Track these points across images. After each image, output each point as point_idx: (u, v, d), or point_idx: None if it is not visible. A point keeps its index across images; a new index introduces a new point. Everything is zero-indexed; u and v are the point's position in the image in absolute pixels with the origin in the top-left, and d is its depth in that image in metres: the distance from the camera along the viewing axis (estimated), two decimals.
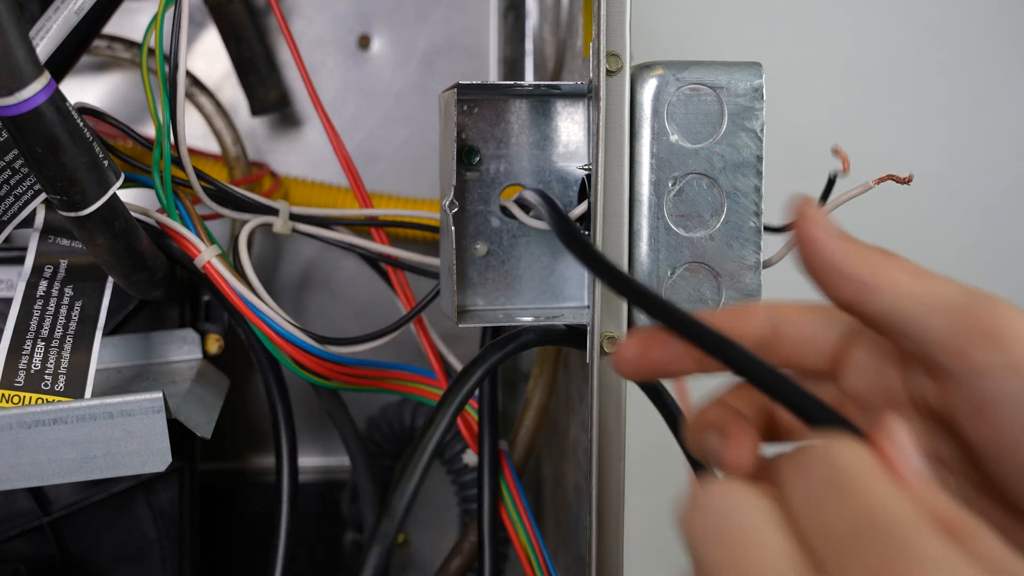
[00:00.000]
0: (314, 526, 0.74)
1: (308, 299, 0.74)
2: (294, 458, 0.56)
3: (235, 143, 0.68)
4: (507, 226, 0.51)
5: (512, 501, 0.52)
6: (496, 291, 0.51)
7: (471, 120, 0.50)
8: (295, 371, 0.53)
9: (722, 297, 0.47)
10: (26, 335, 0.48)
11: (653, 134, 0.46)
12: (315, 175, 0.72)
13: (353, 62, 0.73)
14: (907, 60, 0.90)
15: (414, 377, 0.58)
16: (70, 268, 0.50)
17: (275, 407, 0.56)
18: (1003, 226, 0.92)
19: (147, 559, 0.55)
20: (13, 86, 0.36)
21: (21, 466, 0.45)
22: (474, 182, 0.50)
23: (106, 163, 0.42)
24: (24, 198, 0.47)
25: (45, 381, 0.47)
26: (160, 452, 0.46)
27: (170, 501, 0.55)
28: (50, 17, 0.49)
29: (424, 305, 0.56)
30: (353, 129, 0.73)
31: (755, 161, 0.46)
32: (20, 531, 0.53)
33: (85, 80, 0.71)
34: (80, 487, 0.53)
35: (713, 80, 0.46)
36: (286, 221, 0.57)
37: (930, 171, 0.91)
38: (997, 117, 0.92)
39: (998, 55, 0.91)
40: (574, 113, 0.50)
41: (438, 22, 0.74)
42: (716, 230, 0.46)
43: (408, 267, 0.59)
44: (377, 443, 0.70)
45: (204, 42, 0.72)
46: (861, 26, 0.90)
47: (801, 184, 0.57)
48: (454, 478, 0.69)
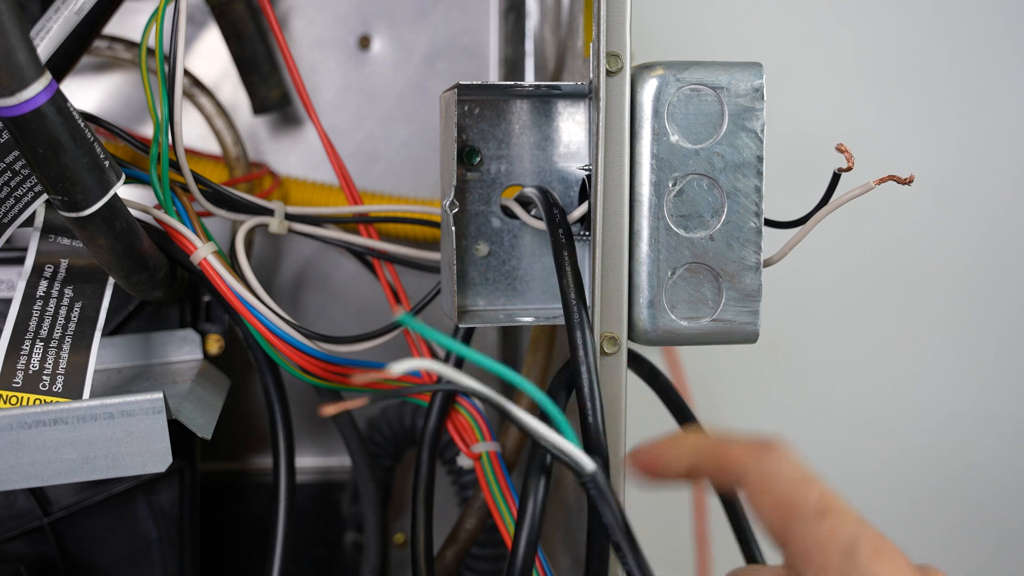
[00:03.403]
0: (314, 526, 0.74)
1: (308, 299, 0.74)
2: (291, 458, 0.56)
3: (235, 143, 0.68)
4: (508, 226, 0.51)
5: (504, 502, 0.52)
6: (497, 291, 0.51)
7: (472, 120, 0.50)
8: (289, 369, 0.53)
9: (722, 297, 0.47)
10: (25, 335, 0.48)
11: (653, 134, 0.46)
12: (316, 175, 0.72)
13: (353, 62, 0.73)
14: (908, 61, 0.90)
15: (405, 378, 0.58)
16: (70, 268, 0.50)
17: (272, 407, 0.56)
18: (1004, 226, 0.92)
19: (147, 559, 0.55)
20: (14, 86, 0.36)
21: (21, 466, 0.45)
22: (475, 182, 0.50)
23: (107, 163, 0.42)
24: (24, 200, 0.47)
25: (43, 382, 0.47)
26: (160, 452, 0.46)
27: (170, 501, 0.55)
28: (50, 17, 0.49)
29: (424, 305, 0.56)
30: (353, 129, 0.73)
31: (756, 161, 0.46)
32: (20, 531, 0.53)
33: (85, 80, 0.71)
34: (80, 487, 0.53)
35: (714, 80, 0.46)
36: (282, 221, 0.57)
37: (931, 171, 0.91)
38: (998, 118, 0.92)
39: (999, 55, 0.91)
40: (575, 113, 0.50)
41: (438, 22, 0.74)
42: (716, 230, 0.46)
43: (397, 261, 0.59)
44: (377, 443, 0.70)
45: (204, 42, 0.72)
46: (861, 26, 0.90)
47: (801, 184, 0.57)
48: (454, 478, 0.69)
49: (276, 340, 0.52)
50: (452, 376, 0.37)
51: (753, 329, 0.47)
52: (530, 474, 0.43)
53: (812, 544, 0.34)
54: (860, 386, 0.95)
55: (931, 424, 0.95)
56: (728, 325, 0.47)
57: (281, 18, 0.72)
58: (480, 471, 0.54)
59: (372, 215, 0.59)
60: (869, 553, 0.33)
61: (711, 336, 0.47)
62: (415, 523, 0.53)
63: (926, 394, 0.95)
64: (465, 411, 0.56)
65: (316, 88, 0.73)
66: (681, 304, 0.46)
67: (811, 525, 0.34)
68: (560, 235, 0.45)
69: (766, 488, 0.36)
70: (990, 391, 0.95)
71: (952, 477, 0.96)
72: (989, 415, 0.95)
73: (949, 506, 0.97)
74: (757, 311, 0.47)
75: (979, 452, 0.96)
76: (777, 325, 0.65)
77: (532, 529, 0.43)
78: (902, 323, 0.94)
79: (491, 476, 0.54)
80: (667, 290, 0.46)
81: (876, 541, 0.33)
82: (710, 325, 0.47)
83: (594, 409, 0.43)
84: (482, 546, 0.66)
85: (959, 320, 0.93)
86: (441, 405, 0.55)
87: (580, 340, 0.43)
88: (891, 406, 0.95)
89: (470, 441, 0.56)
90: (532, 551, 0.43)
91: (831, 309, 0.93)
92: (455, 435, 0.56)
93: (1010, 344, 0.94)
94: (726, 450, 0.37)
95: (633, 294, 0.47)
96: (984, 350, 0.94)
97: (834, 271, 0.92)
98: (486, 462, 0.54)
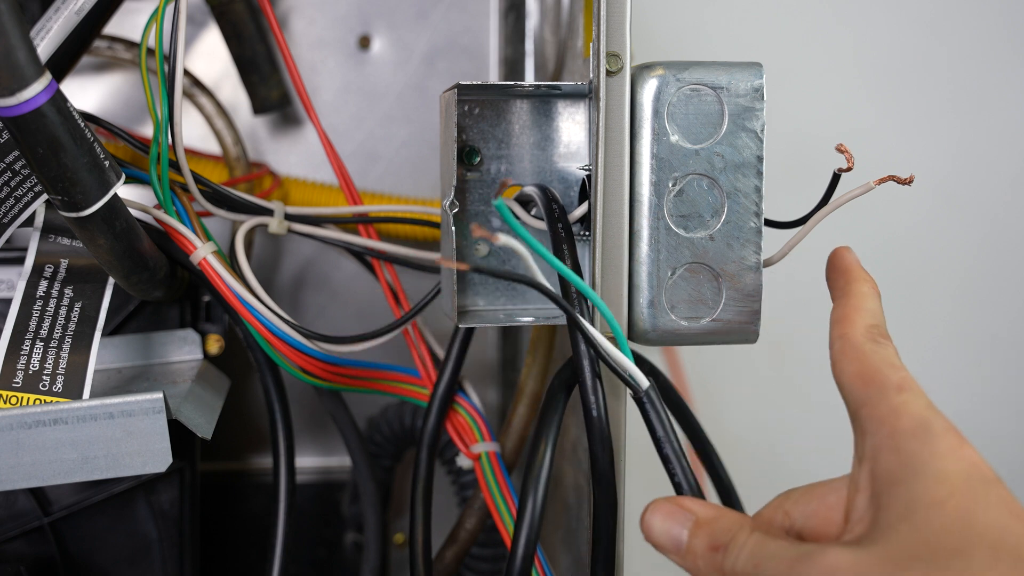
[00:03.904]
0: (314, 526, 0.74)
1: (308, 299, 0.74)
2: (291, 458, 0.56)
3: (235, 143, 0.68)
4: (508, 226, 0.51)
5: (504, 502, 0.52)
6: (497, 291, 0.51)
7: (472, 120, 0.50)
8: (288, 369, 0.53)
9: (722, 297, 0.47)
10: (25, 335, 0.48)
11: (653, 134, 0.46)
12: (316, 175, 0.72)
13: (353, 62, 0.73)
14: (908, 61, 0.90)
15: (404, 378, 0.58)
16: (70, 268, 0.50)
17: (272, 406, 0.56)
18: (1004, 226, 0.92)
19: (147, 559, 0.55)
20: (14, 86, 0.36)
21: (21, 466, 0.45)
22: (475, 182, 0.50)
23: (107, 163, 0.42)
24: (24, 200, 0.47)
25: (43, 381, 0.47)
26: (160, 452, 0.46)
27: (170, 501, 0.55)
28: (50, 18, 0.49)
29: (423, 305, 0.56)
30: (353, 129, 0.73)
31: (756, 161, 0.46)
32: (20, 531, 0.53)
33: (85, 80, 0.71)
34: (80, 487, 0.53)
35: (714, 80, 0.46)
36: (282, 221, 0.57)
37: (931, 171, 0.91)
38: (998, 118, 0.92)
39: (999, 55, 0.91)
40: (575, 113, 0.50)
41: (438, 22, 0.74)
42: (716, 230, 0.46)
43: (397, 261, 0.59)
44: (377, 444, 0.70)
45: (204, 42, 0.72)
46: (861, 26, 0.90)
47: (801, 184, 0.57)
48: (454, 478, 0.69)
49: (276, 340, 0.52)
50: None
51: (753, 329, 0.47)
52: (530, 474, 0.43)
53: (887, 411, 0.36)
54: None
55: None
56: (728, 325, 0.47)
57: (281, 18, 0.72)
58: (480, 471, 0.54)
59: (372, 215, 0.59)
60: (940, 428, 0.35)
61: (711, 336, 0.47)
62: (414, 523, 0.53)
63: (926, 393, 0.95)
64: (464, 411, 0.56)
65: (316, 88, 0.73)
66: (681, 304, 0.46)
67: (889, 395, 0.36)
68: (559, 229, 0.45)
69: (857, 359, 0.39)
70: (990, 391, 0.95)
71: None
72: (989, 415, 0.95)
73: None
74: (757, 311, 0.47)
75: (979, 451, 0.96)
76: (777, 325, 0.65)
77: (532, 529, 0.43)
78: (902, 323, 0.93)
79: (490, 476, 0.54)
80: (667, 290, 0.46)
81: (945, 421, 0.35)
82: (710, 325, 0.47)
83: (597, 403, 0.43)
84: (482, 546, 0.66)
85: (959, 320, 0.93)
86: (440, 405, 0.55)
87: (580, 334, 0.43)
88: None
89: (469, 441, 0.56)
90: (532, 551, 0.43)
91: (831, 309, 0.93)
92: (454, 435, 0.56)
93: (1010, 344, 0.94)
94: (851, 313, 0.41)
95: (633, 294, 0.47)
96: (984, 350, 0.94)
97: None
98: (485, 462, 0.54)
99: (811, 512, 0.38)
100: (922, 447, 0.34)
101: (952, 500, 0.33)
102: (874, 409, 0.36)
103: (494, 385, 0.77)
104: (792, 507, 0.39)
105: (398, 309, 0.58)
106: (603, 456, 0.43)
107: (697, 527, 0.38)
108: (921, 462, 0.34)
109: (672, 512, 0.39)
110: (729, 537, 0.37)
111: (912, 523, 0.33)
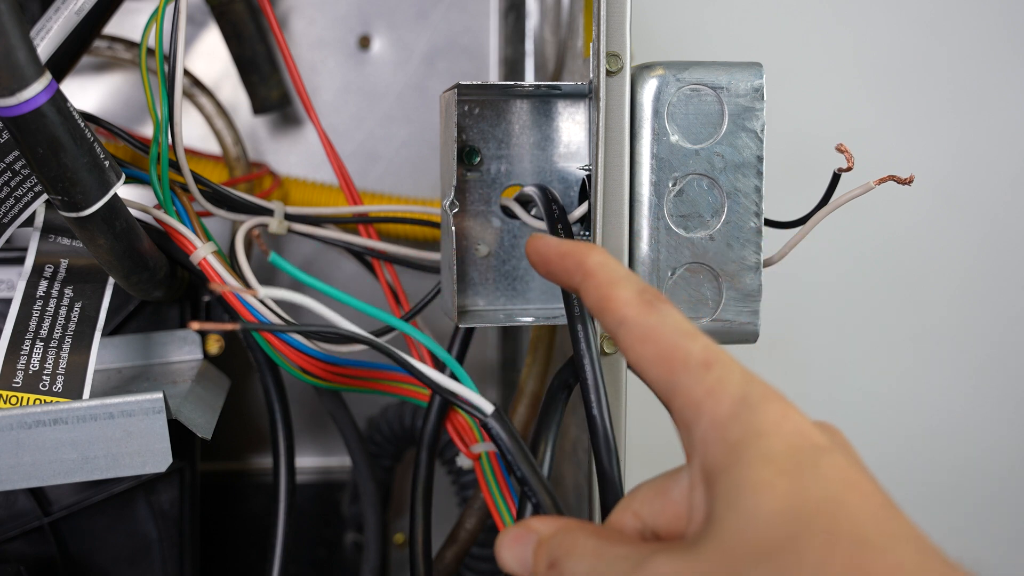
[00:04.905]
0: (314, 526, 0.74)
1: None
2: (291, 458, 0.56)
3: (235, 143, 0.68)
4: (508, 226, 0.51)
5: (504, 502, 0.52)
6: (497, 291, 0.51)
7: (472, 120, 0.50)
8: (288, 369, 0.53)
9: (722, 297, 0.47)
10: (25, 335, 0.48)
11: (653, 134, 0.46)
12: (316, 175, 0.72)
13: (353, 62, 0.73)
14: (908, 61, 0.90)
15: (404, 378, 0.58)
16: (70, 268, 0.50)
17: (272, 407, 0.56)
18: (1004, 226, 0.92)
19: (147, 559, 0.55)
20: (14, 86, 0.36)
21: (21, 466, 0.45)
22: (475, 182, 0.50)
23: (107, 163, 0.42)
24: (24, 200, 0.47)
25: (43, 382, 0.47)
26: (160, 452, 0.46)
27: (170, 501, 0.55)
28: (50, 17, 0.49)
29: (423, 305, 0.56)
30: (353, 129, 0.73)
31: (755, 161, 0.46)
32: (20, 531, 0.53)
33: (85, 80, 0.71)
34: (80, 487, 0.53)
35: (714, 80, 0.46)
36: (282, 221, 0.57)
37: (931, 171, 0.91)
38: (998, 118, 0.92)
39: (999, 55, 0.91)
40: (575, 113, 0.50)
41: (438, 22, 0.74)
42: (716, 230, 0.46)
43: (397, 261, 0.59)
44: (377, 444, 0.70)
45: (204, 42, 0.72)
46: (861, 26, 0.90)
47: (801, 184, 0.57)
48: (454, 478, 0.69)
49: (276, 340, 0.52)
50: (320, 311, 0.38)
51: (753, 329, 0.47)
52: None
53: (702, 395, 0.32)
54: (860, 386, 0.95)
55: (930, 424, 0.95)
56: (728, 325, 0.47)
57: (281, 18, 0.72)
58: (479, 471, 0.54)
59: (372, 215, 0.59)
60: (759, 399, 0.32)
61: (711, 336, 0.47)
62: (414, 523, 0.53)
63: (926, 394, 0.95)
64: (465, 411, 0.56)
65: (316, 88, 0.73)
66: (681, 304, 0.46)
67: (698, 376, 0.33)
68: (559, 229, 0.45)
69: (649, 340, 0.34)
70: (990, 391, 0.95)
71: (951, 477, 0.96)
72: (989, 415, 0.95)
73: (949, 506, 0.97)
74: (757, 311, 0.47)
75: (979, 452, 0.96)
76: (777, 325, 0.65)
77: None
78: (902, 323, 0.94)
79: (490, 476, 0.54)
80: (667, 290, 0.46)
81: (764, 388, 0.32)
82: (710, 325, 0.47)
83: (599, 401, 0.43)
84: (482, 546, 0.66)
85: (959, 320, 0.93)
86: (440, 405, 0.55)
87: (581, 333, 0.43)
88: (890, 406, 0.95)
89: (469, 441, 0.56)
90: None
91: (831, 309, 0.93)
92: (454, 435, 0.56)
93: (1010, 344, 0.94)
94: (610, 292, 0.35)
95: None
96: (984, 350, 0.94)
97: (834, 271, 0.92)
98: (485, 462, 0.54)
99: (659, 511, 0.36)
100: (745, 429, 0.31)
101: (779, 481, 0.29)
102: (688, 396, 0.33)
103: (494, 385, 0.77)
104: (640, 507, 0.36)
105: (398, 309, 0.58)
106: (606, 455, 0.43)
107: (539, 546, 0.35)
108: (744, 445, 0.31)
109: (519, 536, 0.36)
110: (564, 551, 0.34)
111: (738, 515, 0.30)
